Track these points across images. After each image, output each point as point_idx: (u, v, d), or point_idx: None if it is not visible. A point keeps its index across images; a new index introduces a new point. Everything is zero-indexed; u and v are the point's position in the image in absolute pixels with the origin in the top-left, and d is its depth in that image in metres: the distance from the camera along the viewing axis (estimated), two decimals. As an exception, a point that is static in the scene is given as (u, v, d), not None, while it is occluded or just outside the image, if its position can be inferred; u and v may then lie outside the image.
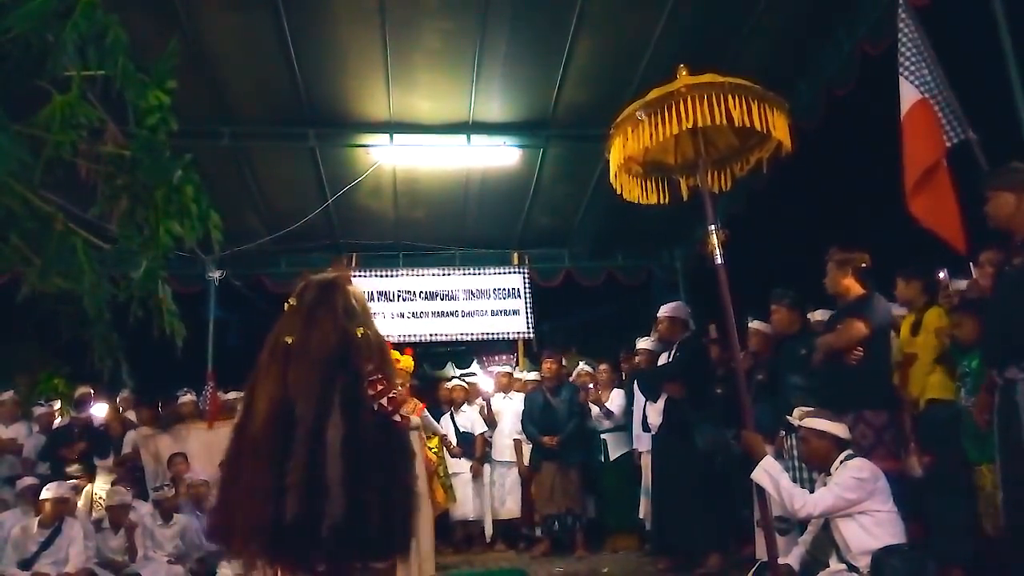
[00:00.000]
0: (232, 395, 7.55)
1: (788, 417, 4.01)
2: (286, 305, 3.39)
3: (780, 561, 3.51)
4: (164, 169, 2.35)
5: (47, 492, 5.81)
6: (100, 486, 6.97)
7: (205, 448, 6.96)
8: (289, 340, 3.19)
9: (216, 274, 9.14)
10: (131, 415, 7.76)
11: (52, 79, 2.19)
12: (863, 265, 4.45)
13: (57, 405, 8.09)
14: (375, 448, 3.08)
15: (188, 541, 6.19)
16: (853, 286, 4.44)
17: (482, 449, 7.60)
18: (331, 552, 2.98)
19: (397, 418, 3.17)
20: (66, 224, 2.35)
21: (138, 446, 7.17)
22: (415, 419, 4.95)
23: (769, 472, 3.41)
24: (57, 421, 7.61)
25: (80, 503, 6.57)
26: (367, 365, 3.14)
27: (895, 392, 4.59)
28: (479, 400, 8.04)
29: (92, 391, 8.02)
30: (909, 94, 4.89)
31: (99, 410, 8.26)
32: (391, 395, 3.14)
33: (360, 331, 3.23)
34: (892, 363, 4.58)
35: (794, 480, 3.87)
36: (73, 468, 6.95)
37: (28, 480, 6.40)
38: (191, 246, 2.69)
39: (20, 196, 2.26)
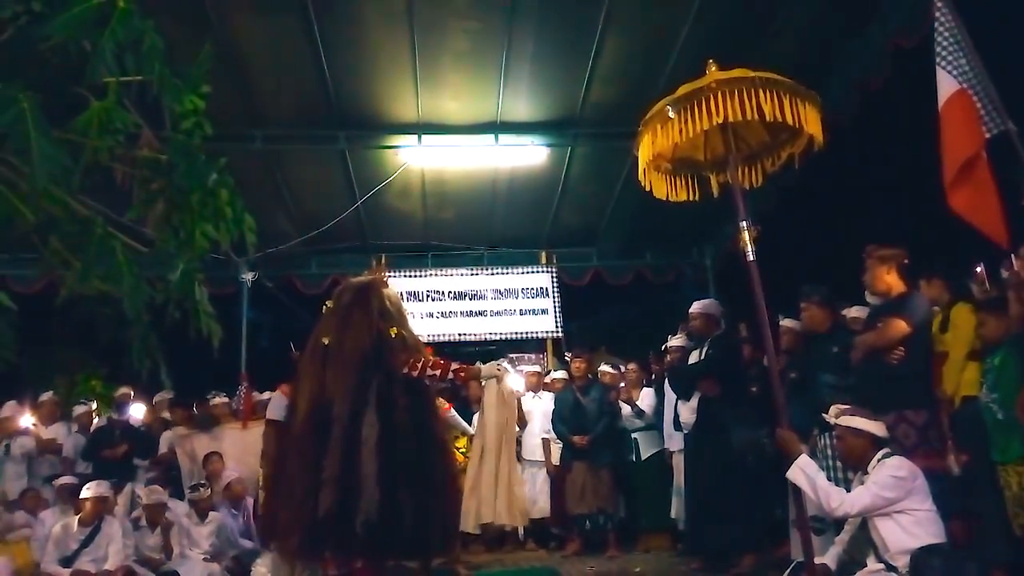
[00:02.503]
0: (266, 395, 7.63)
1: (824, 415, 3.95)
2: (324, 308, 3.45)
3: (816, 561, 3.46)
4: (200, 173, 2.38)
5: (87, 491, 5.92)
6: (142, 486, 7.08)
7: (240, 447, 7.06)
8: (326, 341, 3.24)
9: (248, 276, 9.26)
10: (166, 415, 7.87)
11: (90, 85, 2.24)
12: (905, 262, 4.35)
13: (95, 405, 8.22)
14: (409, 447, 3.11)
15: (224, 539, 6.26)
16: (895, 283, 4.32)
17: (512, 449, 7.57)
18: (364, 547, 3.01)
19: (451, 374, 3.19)
20: (105, 227, 2.40)
21: (174, 446, 7.28)
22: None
23: (805, 471, 3.37)
24: (95, 421, 7.74)
25: (121, 502, 6.68)
26: (401, 364, 3.17)
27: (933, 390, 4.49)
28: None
29: (131, 392, 8.16)
30: (947, 84, 4.76)
31: (135, 411, 8.39)
32: (431, 364, 3.16)
33: (394, 331, 3.26)
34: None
35: (829, 479, 3.81)
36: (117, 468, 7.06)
37: (65, 479, 6.53)
38: (225, 248, 2.73)
39: (60, 200, 2.31)
